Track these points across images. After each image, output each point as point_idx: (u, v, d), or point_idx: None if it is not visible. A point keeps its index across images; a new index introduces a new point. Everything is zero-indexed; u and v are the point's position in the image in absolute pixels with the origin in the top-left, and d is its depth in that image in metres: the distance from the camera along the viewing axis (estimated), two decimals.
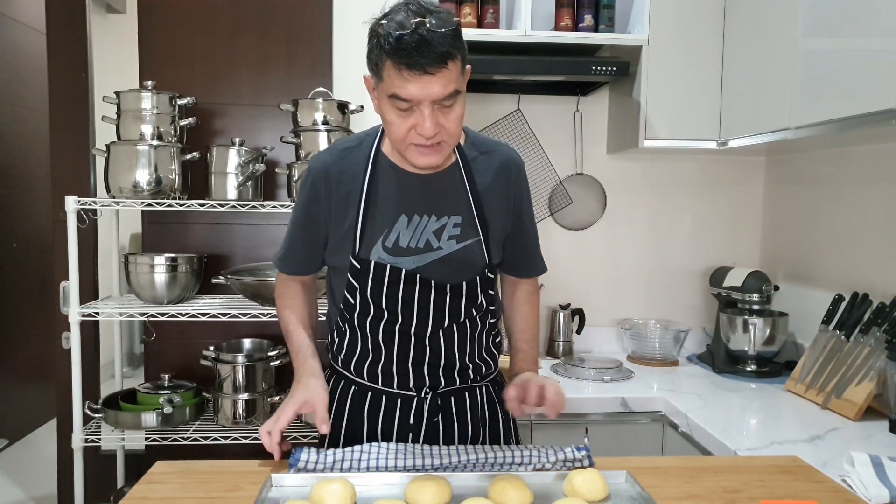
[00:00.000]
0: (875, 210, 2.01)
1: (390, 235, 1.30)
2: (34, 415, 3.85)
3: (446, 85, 1.14)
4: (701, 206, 2.61)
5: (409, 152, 1.22)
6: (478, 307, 1.37)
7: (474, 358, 1.41)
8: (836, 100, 1.64)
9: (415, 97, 1.14)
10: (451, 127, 1.19)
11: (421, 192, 1.32)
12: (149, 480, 1.20)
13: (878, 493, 1.26)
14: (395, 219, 1.30)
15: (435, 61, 1.11)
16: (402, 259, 1.30)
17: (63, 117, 2.46)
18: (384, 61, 1.15)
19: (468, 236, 1.32)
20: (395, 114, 1.18)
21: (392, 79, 1.14)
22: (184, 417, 2.20)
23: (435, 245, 1.31)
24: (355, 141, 1.37)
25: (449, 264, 1.31)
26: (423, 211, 1.31)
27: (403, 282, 1.30)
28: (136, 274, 2.20)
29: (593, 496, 1.12)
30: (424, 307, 1.32)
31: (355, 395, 1.42)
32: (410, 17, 1.12)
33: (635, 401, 2.03)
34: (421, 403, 1.37)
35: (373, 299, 1.33)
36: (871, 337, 1.83)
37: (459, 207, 1.32)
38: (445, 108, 1.17)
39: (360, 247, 1.31)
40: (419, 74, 1.11)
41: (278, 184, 2.48)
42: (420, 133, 1.17)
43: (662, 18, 2.19)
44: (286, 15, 2.46)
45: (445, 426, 1.39)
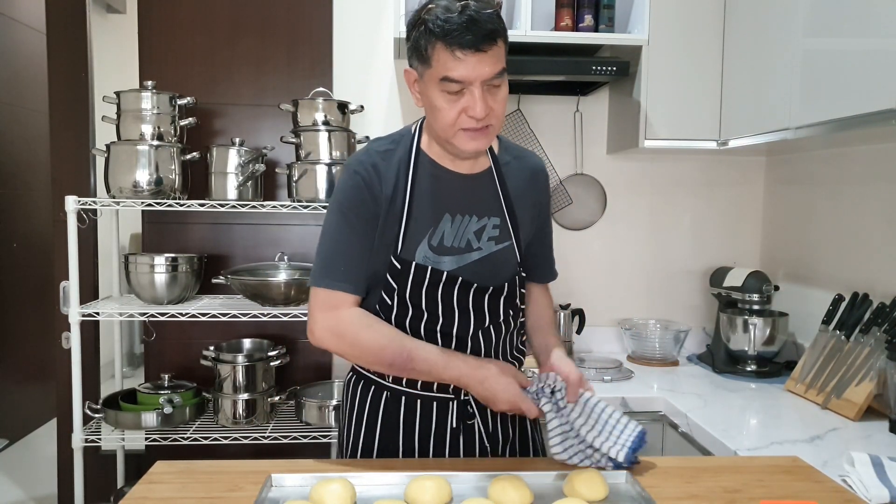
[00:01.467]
0: (875, 210, 2.01)
1: (436, 234, 1.31)
2: (34, 415, 3.85)
3: (496, 63, 1.18)
4: (701, 206, 2.61)
5: (457, 138, 1.24)
6: (514, 307, 1.39)
7: (507, 357, 1.41)
8: (836, 100, 1.64)
9: (467, 77, 1.17)
10: (498, 109, 1.22)
11: (462, 191, 1.33)
12: (149, 480, 1.20)
13: (878, 494, 1.26)
14: (440, 217, 1.31)
15: (485, 39, 1.15)
16: (443, 258, 1.31)
17: (63, 117, 2.46)
18: (434, 45, 1.18)
19: (504, 238, 1.35)
20: (445, 99, 1.20)
21: (444, 61, 1.17)
22: (184, 417, 2.20)
23: (475, 245, 1.32)
24: (391, 143, 1.34)
25: (486, 265, 1.33)
26: (465, 211, 1.32)
27: (444, 283, 1.30)
28: (136, 274, 2.20)
29: (593, 496, 1.12)
30: (464, 308, 1.32)
31: (389, 402, 1.37)
32: (455, 1, 1.16)
33: (635, 401, 2.03)
34: (461, 406, 1.36)
35: (411, 300, 1.31)
36: (872, 337, 1.83)
37: (496, 210, 1.35)
38: (494, 88, 1.20)
39: (402, 247, 1.29)
40: (472, 52, 1.15)
41: (278, 184, 2.48)
42: (472, 115, 1.19)
43: (662, 18, 2.19)
44: (286, 15, 2.46)
45: (483, 427, 1.38)
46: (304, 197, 2.20)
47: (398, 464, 1.30)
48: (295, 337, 2.52)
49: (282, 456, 2.00)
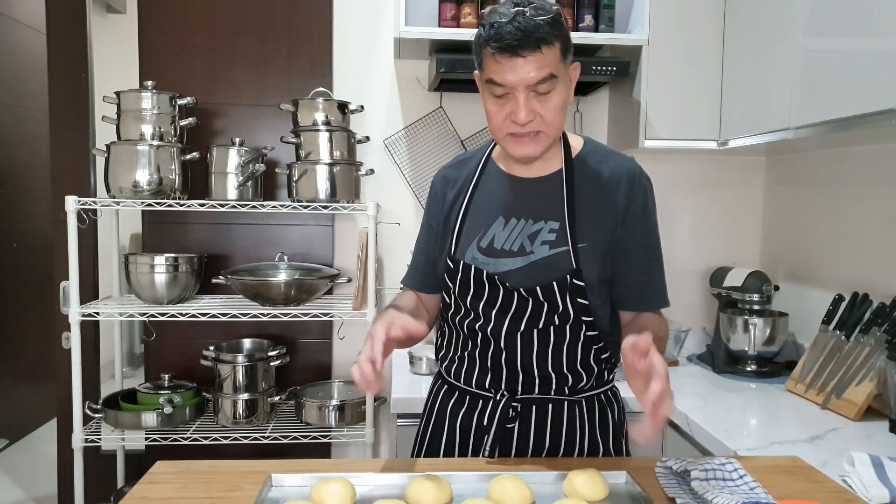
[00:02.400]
0: (875, 210, 2.01)
1: (486, 236, 1.33)
2: (34, 415, 3.85)
3: (540, 69, 1.17)
4: (701, 206, 2.61)
5: (506, 143, 1.26)
6: (562, 315, 1.31)
7: (561, 368, 1.35)
8: (836, 100, 1.64)
9: (508, 82, 1.18)
10: (548, 115, 1.21)
11: (522, 195, 1.34)
12: (149, 480, 1.20)
13: (878, 494, 1.26)
14: (493, 220, 1.33)
15: (528, 45, 1.15)
16: (494, 261, 1.32)
17: (63, 117, 2.46)
18: (484, 48, 1.20)
19: (562, 243, 1.30)
20: (493, 102, 1.23)
21: (489, 65, 1.20)
22: (184, 417, 2.20)
23: (528, 249, 1.31)
24: (471, 153, 1.46)
25: (538, 269, 1.30)
26: (520, 214, 1.32)
27: (488, 284, 1.32)
28: (137, 274, 2.20)
29: (593, 496, 1.11)
30: (504, 309, 1.33)
31: (445, 394, 1.46)
32: (510, 6, 1.18)
33: (636, 401, 2.02)
34: (496, 406, 1.37)
35: (461, 298, 1.37)
36: (872, 337, 1.83)
37: (557, 213, 1.31)
38: (541, 94, 1.20)
39: (456, 248, 1.35)
40: (509, 57, 1.16)
41: (278, 184, 2.48)
42: (514, 120, 1.20)
43: (662, 18, 2.19)
44: (286, 15, 2.46)
45: (520, 434, 1.36)
46: (304, 197, 2.20)
47: (398, 464, 1.30)
48: (295, 337, 2.52)
49: (282, 456, 2.00)
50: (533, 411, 1.37)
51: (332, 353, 2.55)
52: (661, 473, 1.22)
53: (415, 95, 2.50)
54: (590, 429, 1.39)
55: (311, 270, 2.34)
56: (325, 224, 2.52)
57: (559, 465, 1.29)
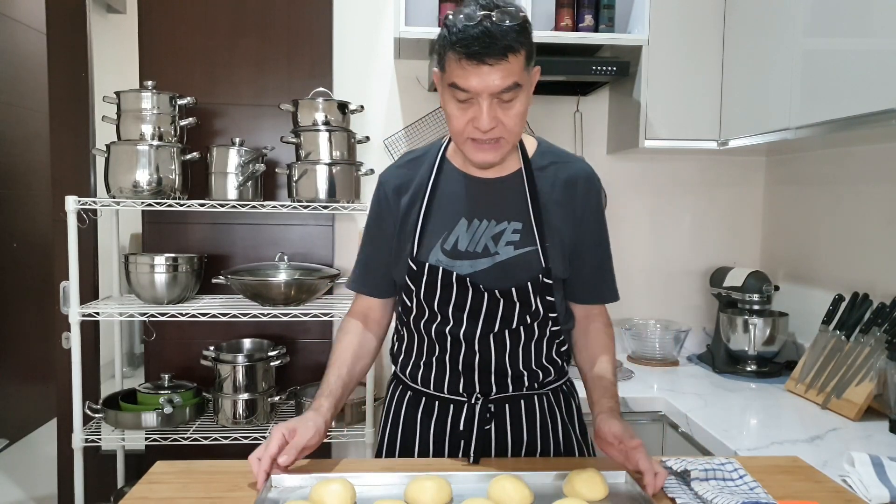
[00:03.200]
0: (875, 210, 2.01)
1: (449, 238, 1.31)
2: (34, 415, 3.85)
3: (505, 78, 1.15)
4: (701, 206, 2.61)
5: (466, 147, 1.24)
6: (533, 314, 1.33)
7: (530, 365, 1.37)
8: (837, 100, 1.64)
9: (473, 88, 1.15)
10: (509, 123, 1.20)
11: (482, 196, 1.32)
12: (149, 480, 1.20)
13: (878, 494, 1.26)
14: (455, 222, 1.31)
15: (495, 53, 1.13)
16: (458, 262, 1.30)
17: (63, 117, 2.46)
18: (447, 51, 1.17)
19: (526, 243, 1.30)
20: (455, 105, 1.20)
21: (453, 69, 1.17)
22: (184, 417, 2.20)
23: (492, 250, 1.30)
24: (421, 151, 1.41)
25: (505, 270, 1.30)
26: (483, 215, 1.31)
27: (456, 286, 1.30)
28: (137, 274, 2.20)
29: (593, 496, 1.11)
30: (475, 311, 1.31)
31: (410, 401, 1.41)
32: (478, 9, 1.14)
33: (635, 401, 2.03)
34: (471, 411, 1.35)
35: (426, 302, 1.33)
36: (872, 337, 1.83)
37: (520, 214, 1.31)
38: (504, 102, 1.18)
39: (419, 249, 1.32)
40: (477, 65, 1.13)
41: (278, 184, 2.48)
42: (476, 126, 1.19)
43: (662, 18, 2.19)
44: (286, 15, 2.46)
45: (498, 434, 1.36)
46: (304, 197, 2.20)
47: (398, 464, 1.30)
48: (295, 337, 2.52)
49: None
50: (507, 410, 1.37)
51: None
52: None
53: (415, 95, 2.50)
54: (561, 419, 1.42)
55: (311, 270, 2.34)
56: (325, 224, 2.52)
57: (558, 465, 1.29)
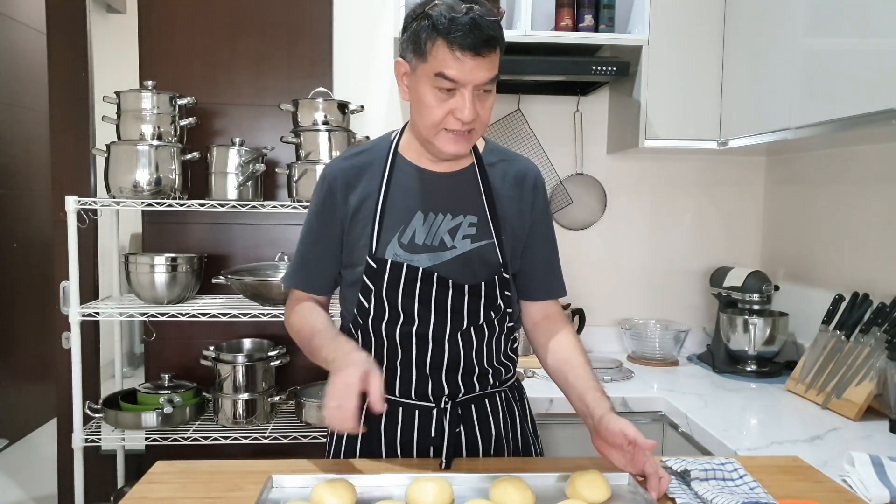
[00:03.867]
0: (875, 210, 2.01)
1: (406, 232, 1.29)
2: (34, 415, 3.85)
3: (491, 70, 1.19)
4: (701, 206, 2.61)
5: (439, 138, 1.24)
6: (496, 309, 1.34)
7: (493, 362, 1.37)
8: (837, 100, 1.64)
9: (462, 79, 1.17)
10: (484, 116, 1.23)
11: (437, 190, 1.32)
12: (149, 480, 1.20)
13: (878, 494, 1.26)
14: (412, 216, 1.30)
15: (486, 44, 1.16)
16: (416, 257, 1.29)
17: (63, 117, 2.46)
18: (435, 41, 1.17)
19: (483, 237, 1.31)
20: (435, 96, 1.20)
21: (442, 58, 1.17)
22: (184, 417, 2.20)
23: (449, 244, 1.30)
24: (368, 145, 1.39)
25: (464, 264, 1.30)
26: (438, 209, 1.31)
27: (420, 281, 1.28)
28: (137, 274, 2.20)
29: (595, 498, 1.11)
30: (442, 308, 1.30)
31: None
32: (459, 2, 1.17)
33: (635, 401, 2.03)
34: (441, 415, 1.32)
35: (388, 300, 1.30)
36: (872, 337, 1.83)
37: (475, 208, 1.32)
38: (483, 94, 1.21)
39: (377, 246, 1.29)
40: (472, 55, 1.15)
41: (278, 184, 2.48)
42: (459, 117, 1.20)
43: (662, 18, 2.19)
44: (286, 15, 2.45)
45: (468, 437, 1.34)
46: (304, 197, 2.20)
47: (399, 465, 1.30)
48: None
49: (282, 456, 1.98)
50: (473, 410, 1.36)
51: None
52: None
53: None
54: (519, 416, 1.43)
55: None
56: None
57: (560, 466, 1.29)
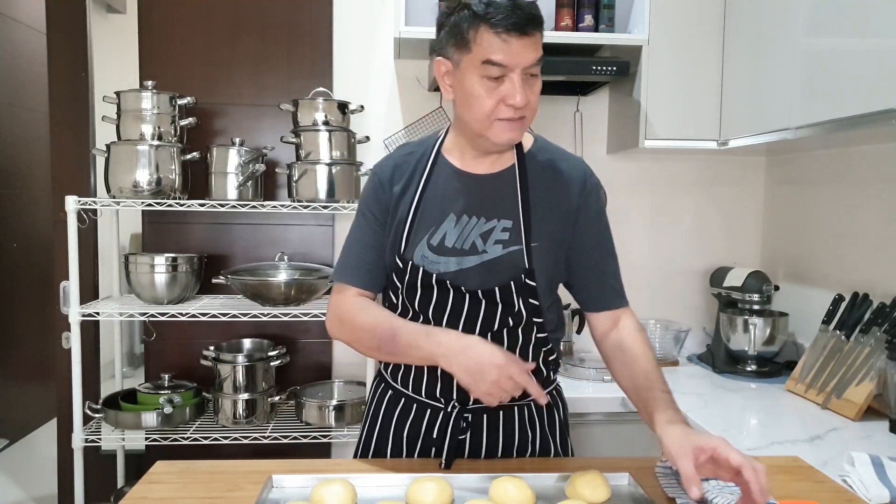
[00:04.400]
0: (875, 210, 2.01)
1: (436, 234, 1.28)
2: (34, 415, 3.85)
3: (537, 50, 1.17)
4: (701, 206, 2.61)
5: (493, 130, 1.21)
6: (515, 316, 1.29)
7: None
8: (837, 100, 1.64)
9: (510, 62, 1.15)
10: (533, 101, 1.21)
11: (473, 193, 1.29)
12: (149, 480, 1.20)
13: (878, 494, 1.26)
14: (443, 218, 1.28)
15: (530, 23, 1.14)
16: (444, 259, 1.27)
17: (63, 117, 2.46)
18: (478, 28, 1.15)
19: (516, 242, 1.27)
20: (484, 86, 1.18)
21: (487, 44, 1.15)
22: (184, 417, 2.20)
23: (480, 248, 1.27)
24: (416, 145, 1.38)
25: (491, 269, 1.27)
26: (472, 212, 1.28)
27: (436, 287, 1.28)
28: (137, 274, 2.20)
29: (595, 498, 1.11)
30: (456, 313, 1.28)
31: (390, 401, 1.39)
32: None
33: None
34: (447, 418, 1.31)
35: (408, 301, 1.32)
36: (872, 337, 1.83)
37: (510, 212, 1.28)
38: (531, 78, 1.19)
39: (406, 246, 1.29)
40: (518, 36, 1.14)
41: (278, 184, 2.48)
42: (511, 104, 1.17)
43: (662, 18, 2.19)
44: (286, 15, 2.45)
45: (473, 443, 1.32)
46: (304, 197, 2.20)
47: (399, 465, 1.30)
48: (295, 337, 2.52)
49: (282, 456, 1.99)
50: (484, 420, 1.33)
51: (332, 353, 2.55)
52: (661, 473, 1.22)
53: (415, 95, 2.50)
54: (540, 431, 1.37)
55: (311, 270, 2.34)
56: (325, 224, 2.52)
57: (560, 466, 1.29)
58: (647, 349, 1.30)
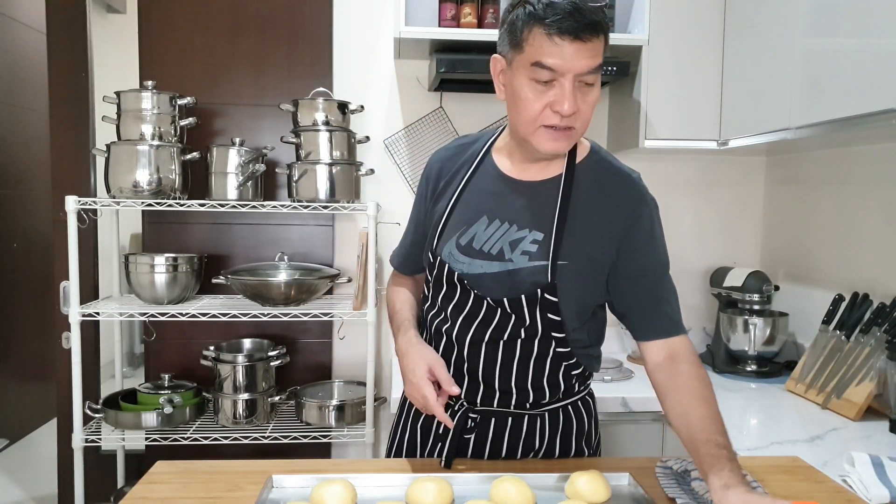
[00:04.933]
0: (875, 210, 2.01)
1: (467, 233, 1.27)
2: (34, 415, 3.85)
3: (595, 57, 1.11)
4: (701, 206, 2.61)
5: (537, 136, 1.16)
6: (529, 328, 1.25)
7: (525, 383, 1.28)
8: (837, 100, 1.64)
9: (560, 66, 1.09)
10: (585, 111, 1.14)
11: (512, 199, 1.25)
12: (149, 480, 1.20)
13: (878, 494, 1.26)
14: (476, 219, 1.26)
15: (587, 28, 1.08)
16: (470, 261, 1.26)
17: (63, 117, 2.46)
18: (532, 28, 1.10)
19: (542, 257, 1.21)
20: (532, 88, 1.13)
21: (539, 45, 1.10)
22: (184, 417, 2.20)
23: (507, 256, 1.23)
24: (474, 137, 1.37)
25: (513, 279, 1.23)
26: (505, 218, 1.25)
27: (459, 287, 1.28)
28: (137, 274, 2.20)
29: (595, 498, 1.11)
30: (472, 315, 1.28)
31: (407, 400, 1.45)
32: None
33: (636, 401, 2.03)
34: (454, 416, 1.30)
35: (434, 295, 1.34)
36: (872, 337, 1.83)
37: (544, 224, 1.22)
38: (585, 87, 1.13)
39: (438, 242, 1.31)
40: (570, 40, 1.08)
41: (278, 184, 2.48)
42: (557, 110, 1.12)
43: (662, 18, 2.19)
44: (286, 15, 2.45)
45: (476, 447, 1.32)
46: (305, 197, 2.20)
47: (399, 465, 1.30)
48: (295, 337, 2.52)
49: (282, 456, 2.00)
50: (491, 423, 1.32)
51: (332, 353, 2.55)
52: (661, 474, 1.22)
53: (415, 95, 2.50)
54: (549, 439, 1.34)
55: (311, 270, 2.34)
56: (325, 224, 2.52)
57: (560, 466, 1.29)
58: (707, 391, 1.17)
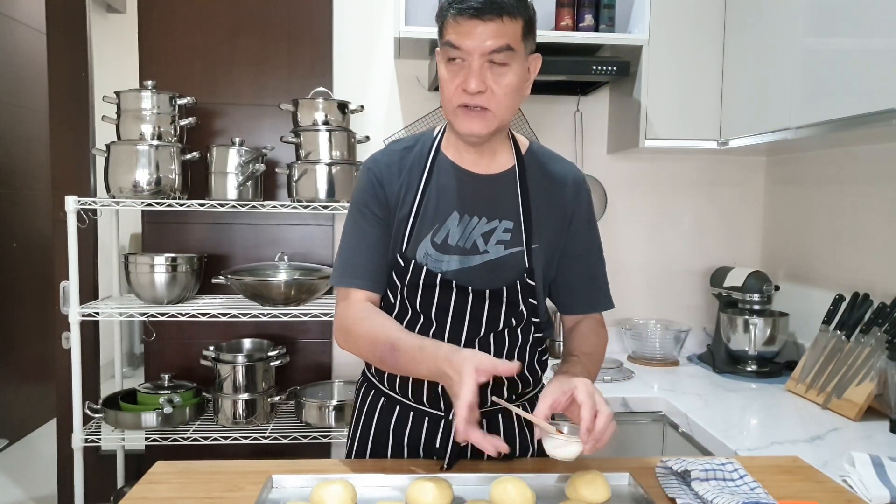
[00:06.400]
0: (875, 210, 2.01)
1: (440, 232, 1.27)
2: (34, 415, 3.85)
3: (498, 37, 1.14)
4: (701, 206, 2.61)
5: (456, 117, 1.21)
6: (518, 316, 1.30)
7: (515, 375, 1.26)
8: (837, 100, 1.64)
9: (461, 43, 1.15)
10: (499, 92, 1.17)
11: (475, 192, 1.29)
12: (149, 480, 1.20)
13: (878, 494, 1.26)
14: (447, 216, 1.27)
15: (490, 10, 1.13)
16: (447, 257, 1.26)
17: (63, 117, 2.46)
18: (446, 14, 1.17)
19: (516, 243, 1.28)
20: (448, 70, 1.19)
21: (449, 28, 1.17)
22: (184, 417, 2.20)
23: (482, 248, 1.27)
24: (412, 141, 1.36)
25: (492, 269, 1.27)
26: (474, 211, 1.28)
27: (439, 286, 1.26)
28: (136, 274, 2.20)
29: (595, 498, 1.11)
30: (460, 313, 1.27)
31: (383, 408, 1.36)
32: None
33: (636, 401, 2.03)
34: (449, 426, 1.27)
35: (409, 301, 1.29)
36: (872, 337, 1.83)
37: (511, 213, 1.29)
38: (498, 67, 1.16)
39: (408, 244, 1.28)
40: (468, 18, 1.13)
41: (278, 184, 2.48)
42: (465, 88, 1.16)
43: (662, 18, 2.19)
44: (286, 15, 2.45)
45: (474, 453, 1.30)
46: (304, 197, 2.20)
47: (399, 465, 1.30)
48: (295, 337, 2.52)
49: (282, 456, 1.99)
50: (485, 426, 1.30)
51: (332, 353, 2.55)
52: (661, 474, 1.22)
53: (415, 95, 2.50)
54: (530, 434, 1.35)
55: (311, 270, 2.34)
56: (325, 224, 2.52)
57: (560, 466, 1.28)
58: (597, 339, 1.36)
